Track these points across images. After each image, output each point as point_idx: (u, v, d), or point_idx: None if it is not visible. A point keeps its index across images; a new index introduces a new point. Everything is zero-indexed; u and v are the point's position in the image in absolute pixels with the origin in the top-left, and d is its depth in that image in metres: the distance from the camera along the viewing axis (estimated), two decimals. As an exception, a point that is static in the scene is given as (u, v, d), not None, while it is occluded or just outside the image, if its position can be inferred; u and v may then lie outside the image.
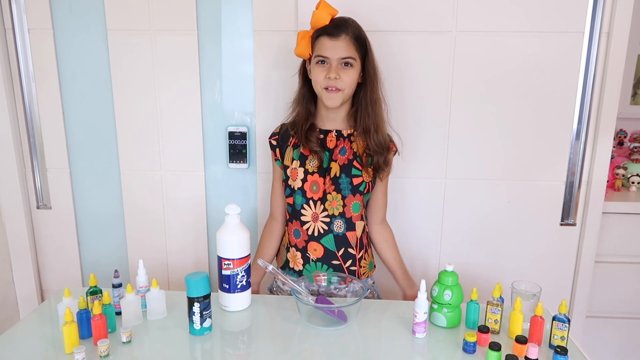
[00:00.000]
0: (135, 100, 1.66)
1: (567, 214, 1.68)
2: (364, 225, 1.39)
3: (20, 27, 1.60)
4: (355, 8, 1.53)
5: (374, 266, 1.46)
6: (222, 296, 1.25)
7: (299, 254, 1.37)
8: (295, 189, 1.35)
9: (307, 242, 1.36)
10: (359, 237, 1.36)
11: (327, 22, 1.26)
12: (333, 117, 1.35)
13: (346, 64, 1.26)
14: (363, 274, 1.39)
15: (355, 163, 1.33)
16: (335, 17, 1.29)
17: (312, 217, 1.35)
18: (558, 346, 1.03)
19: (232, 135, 1.66)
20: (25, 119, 1.68)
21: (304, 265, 1.38)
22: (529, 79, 1.57)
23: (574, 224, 1.68)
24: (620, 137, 2.16)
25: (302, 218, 1.35)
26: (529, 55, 1.55)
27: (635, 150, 2.08)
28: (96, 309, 1.07)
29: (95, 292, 1.18)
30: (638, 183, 1.91)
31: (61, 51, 1.64)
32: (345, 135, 1.35)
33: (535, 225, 1.69)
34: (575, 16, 1.52)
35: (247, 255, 1.24)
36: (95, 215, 1.77)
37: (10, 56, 1.64)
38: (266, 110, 1.64)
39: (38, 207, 1.77)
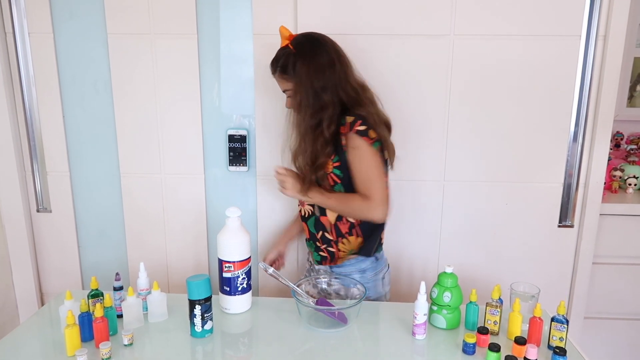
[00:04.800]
0: (135, 104, 1.66)
1: (565, 216, 1.69)
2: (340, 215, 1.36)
3: (21, 31, 1.61)
4: (355, 12, 1.55)
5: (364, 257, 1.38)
6: (222, 299, 1.26)
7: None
8: None
9: (302, 223, 1.46)
10: (332, 223, 1.36)
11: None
12: None
13: (288, 95, 1.34)
14: (340, 258, 1.38)
15: None
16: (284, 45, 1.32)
17: (300, 202, 1.44)
18: (557, 347, 1.04)
19: (231, 138, 1.67)
20: (26, 122, 1.69)
21: (305, 241, 1.49)
22: (527, 81, 1.59)
23: (571, 226, 1.70)
24: (617, 139, 2.17)
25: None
26: (526, 59, 1.57)
27: (632, 152, 2.10)
28: (98, 312, 1.07)
29: (96, 295, 1.19)
30: (635, 185, 1.92)
31: (61, 55, 1.64)
32: None
33: (533, 226, 1.70)
34: (572, 20, 1.53)
35: (248, 258, 1.24)
36: (96, 218, 1.78)
37: (11, 60, 1.64)
38: (265, 113, 1.64)
39: (38, 211, 1.77)
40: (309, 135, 1.28)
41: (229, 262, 1.21)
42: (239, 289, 1.23)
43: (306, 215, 1.42)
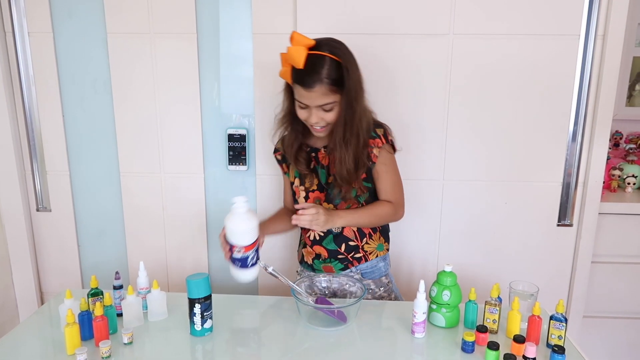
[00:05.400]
0: (135, 103, 1.67)
1: (564, 215, 1.69)
2: None
3: (21, 31, 1.61)
4: (354, 12, 1.55)
5: (387, 249, 1.41)
6: (234, 270, 1.21)
7: (313, 253, 1.40)
8: None
9: (311, 246, 1.40)
10: (355, 230, 1.36)
11: (300, 64, 1.15)
12: (321, 137, 1.34)
13: (326, 109, 1.22)
14: (371, 253, 1.38)
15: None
16: (311, 53, 1.17)
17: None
18: (555, 345, 1.04)
19: (231, 137, 1.67)
20: (25, 122, 1.69)
21: (313, 260, 1.41)
22: (526, 81, 1.59)
23: (570, 225, 1.70)
24: (616, 138, 2.18)
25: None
26: (525, 58, 1.57)
27: (630, 151, 2.10)
28: (98, 311, 1.08)
29: (96, 293, 1.19)
30: (634, 184, 1.93)
31: (61, 54, 1.64)
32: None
33: (532, 225, 1.70)
34: (570, 19, 1.54)
35: (256, 240, 1.20)
36: (95, 217, 1.78)
37: (11, 59, 1.64)
38: (265, 112, 1.64)
39: (38, 210, 1.77)
40: (357, 143, 1.24)
41: (238, 245, 1.19)
42: (249, 264, 1.20)
43: (317, 238, 1.37)
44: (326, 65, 1.17)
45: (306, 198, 1.38)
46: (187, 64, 1.63)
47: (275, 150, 1.45)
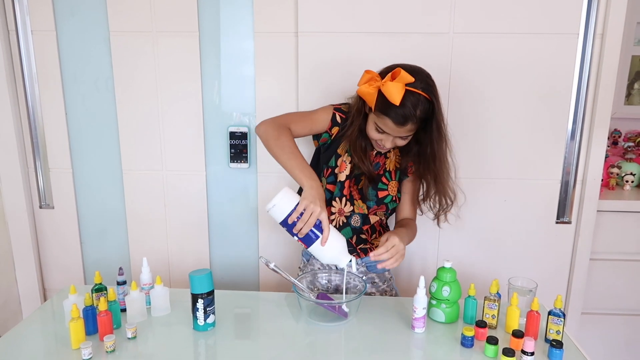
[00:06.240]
0: (137, 101, 1.68)
1: (563, 212, 1.71)
2: (380, 217, 1.41)
3: (24, 29, 1.62)
4: (355, 10, 1.56)
5: None
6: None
7: None
8: (338, 180, 1.35)
9: None
10: (369, 226, 1.39)
11: (398, 101, 1.13)
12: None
13: (403, 138, 1.25)
14: (377, 246, 1.35)
15: (383, 179, 1.36)
16: (407, 89, 1.15)
17: (338, 211, 1.37)
18: (554, 340, 1.06)
19: (233, 135, 1.68)
20: (28, 119, 1.70)
21: None
22: (525, 79, 1.60)
23: (569, 222, 1.71)
24: (614, 136, 2.19)
25: (332, 209, 1.37)
26: (524, 57, 1.58)
27: (629, 149, 2.11)
28: (102, 306, 1.09)
29: (100, 289, 1.20)
30: (632, 182, 1.94)
31: (64, 53, 1.65)
32: (382, 153, 1.35)
33: (531, 223, 1.71)
34: (569, 18, 1.55)
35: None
36: (98, 214, 1.79)
37: (14, 58, 1.65)
38: (266, 110, 1.66)
39: (41, 207, 1.78)
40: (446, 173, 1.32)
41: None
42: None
43: (337, 226, 1.37)
44: (420, 105, 1.16)
45: (348, 177, 1.34)
46: (188, 62, 1.64)
47: (340, 111, 1.33)
